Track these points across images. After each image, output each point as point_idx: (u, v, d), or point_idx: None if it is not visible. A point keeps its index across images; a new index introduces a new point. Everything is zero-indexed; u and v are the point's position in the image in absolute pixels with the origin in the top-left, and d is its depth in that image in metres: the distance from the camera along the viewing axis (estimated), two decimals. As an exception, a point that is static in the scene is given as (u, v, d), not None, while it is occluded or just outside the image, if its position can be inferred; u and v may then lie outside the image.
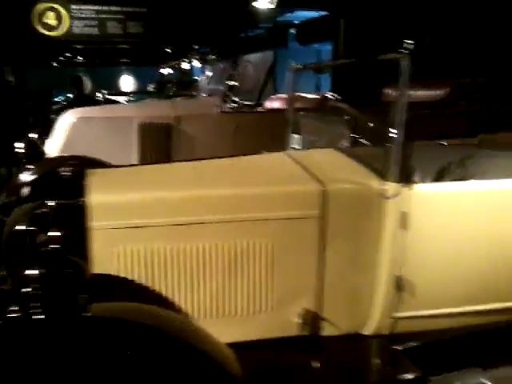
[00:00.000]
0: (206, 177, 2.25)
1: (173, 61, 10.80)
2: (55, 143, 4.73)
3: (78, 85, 6.96)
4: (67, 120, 4.81)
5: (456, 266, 2.16)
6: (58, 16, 8.55)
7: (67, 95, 9.96)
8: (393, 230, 2.09)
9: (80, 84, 6.94)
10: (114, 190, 2.03)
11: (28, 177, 3.67)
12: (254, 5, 8.20)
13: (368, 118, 2.45)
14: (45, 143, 4.90)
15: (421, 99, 4.86)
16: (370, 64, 2.39)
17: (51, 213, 1.93)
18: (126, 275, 1.95)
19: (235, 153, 2.68)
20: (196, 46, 8.49)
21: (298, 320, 2.10)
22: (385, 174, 2.10)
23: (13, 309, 1.64)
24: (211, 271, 2.02)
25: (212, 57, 6.92)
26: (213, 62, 6.77)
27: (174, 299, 2.01)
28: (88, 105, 5.55)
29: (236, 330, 2.07)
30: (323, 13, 8.75)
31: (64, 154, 4.36)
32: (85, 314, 1.54)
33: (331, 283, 2.13)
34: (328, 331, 2.17)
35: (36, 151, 4.73)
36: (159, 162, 2.99)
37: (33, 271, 1.72)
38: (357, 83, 6.54)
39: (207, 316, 2.05)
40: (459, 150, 3.05)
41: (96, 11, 8.81)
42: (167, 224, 1.96)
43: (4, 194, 3.69)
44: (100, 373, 1.38)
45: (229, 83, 5.28)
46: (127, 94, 11.93)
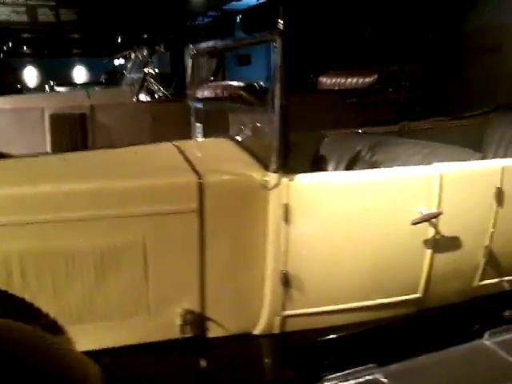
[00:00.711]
0: (75, 170, 2.08)
1: (124, 51, 10.56)
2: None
3: None
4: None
5: (341, 261, 2.04)
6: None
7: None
8: (276, 223, 1.96)
9: None
10: None
11: None
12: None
13: (261, 106, 2.31)
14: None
15: (349, 87, 4.80)
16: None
17: None
18: None
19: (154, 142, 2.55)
20: (145, 36, 8.31)
21: (180, 322, 1.97)
22: (268, 165, 1.98)
23: None
24: (76, 273, 1.86)
25: (160, 46, 6.70)
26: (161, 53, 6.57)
27: (40, 304, 1.86)
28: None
29: (110, 336, 1.94)
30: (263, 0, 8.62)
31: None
32: None
33: (214, 281, 2.00)
34: (214, 332, 2.05)
35: None
36: (35, 155, 2.81)
37: None
38: (297, 70, 6.42)
39: (77, 322, 1.89)
40: (371, 138, 2.96)
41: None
42: (22, 223, 1.79)
43: None
44: None
45: (145, 71, 5.09)
46: (76, 85, 11.64)
